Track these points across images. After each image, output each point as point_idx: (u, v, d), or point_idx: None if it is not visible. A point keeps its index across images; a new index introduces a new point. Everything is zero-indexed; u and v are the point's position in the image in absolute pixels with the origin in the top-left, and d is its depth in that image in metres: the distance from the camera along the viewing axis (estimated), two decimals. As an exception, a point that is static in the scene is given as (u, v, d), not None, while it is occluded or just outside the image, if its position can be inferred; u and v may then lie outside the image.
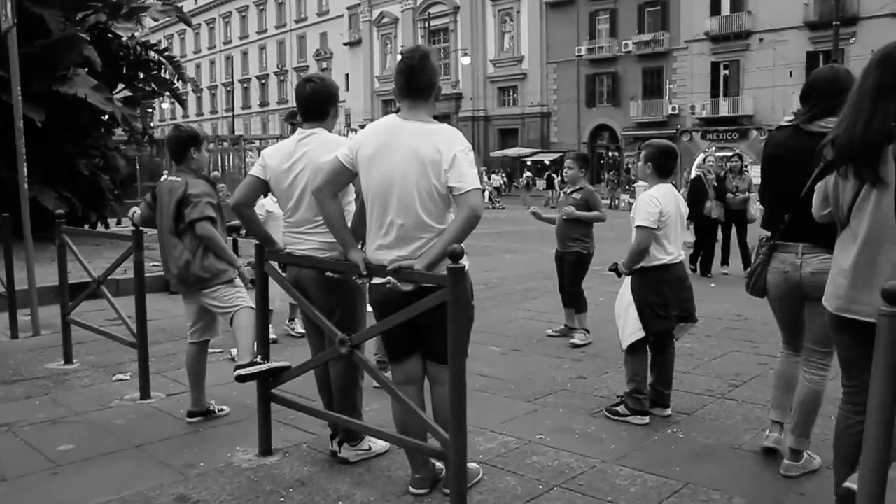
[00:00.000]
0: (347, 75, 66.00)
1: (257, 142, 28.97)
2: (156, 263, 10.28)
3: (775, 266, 3.94)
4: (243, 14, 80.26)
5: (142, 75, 14.67)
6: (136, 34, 14.56)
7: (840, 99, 3.28)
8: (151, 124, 16.01)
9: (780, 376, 4.38)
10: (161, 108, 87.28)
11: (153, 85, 14.83)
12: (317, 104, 4.10)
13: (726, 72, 43.54)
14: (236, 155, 25.24)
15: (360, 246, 3.71)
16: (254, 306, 4.47)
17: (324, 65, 69.56)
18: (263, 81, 78.24)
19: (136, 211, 5.46)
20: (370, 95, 64.59)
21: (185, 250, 4.79)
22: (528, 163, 52.06)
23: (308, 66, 71.03)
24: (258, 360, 4.25)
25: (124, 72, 14.42)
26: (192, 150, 4.92)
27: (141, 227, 5.42)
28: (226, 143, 27.32)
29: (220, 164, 24.34)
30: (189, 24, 15.76)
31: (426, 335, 3.52)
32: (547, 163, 49.58)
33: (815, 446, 4.16)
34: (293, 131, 4.40)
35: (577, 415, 5.08)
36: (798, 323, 4.07)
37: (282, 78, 75.24)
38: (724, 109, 43.24)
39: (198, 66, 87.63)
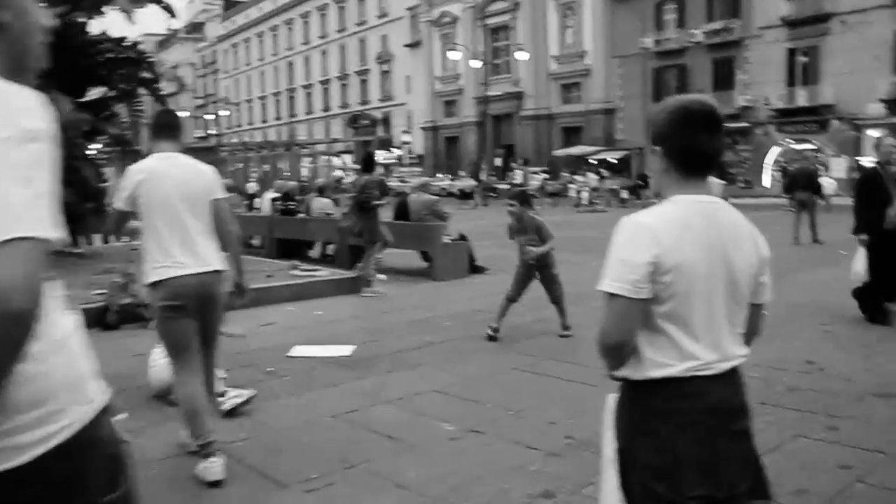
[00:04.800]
0: (408, 77, 65.95)
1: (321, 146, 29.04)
2: (99, 291, 8.69)
3: None
4: (306, 20, 79.84)
5: (120, 73, 13.07)
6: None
7: None
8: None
9: None
10: (217, 116, 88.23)
11: (126, 85, 13.20)
12: None
13: (804, 59, 40.07)
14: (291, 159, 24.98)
15: None
16: None
17: (385, 67, 68.77)
18: (325, 86, 77.47)
19: None
20: (431, 96, 63.36)
21: None
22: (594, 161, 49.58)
23: (369, 70, 70.98)
24: None
25: (99, 71, 12.80)
26: None
27: None
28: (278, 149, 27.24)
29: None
30: (172, 14, 14.10)
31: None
32: (613, 161, 46.94)
33: None
34: (355, 135, 2.42)
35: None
36: None
37: (344, 82, 74.47)
38: (801, 99, 39.87)
39: (262, 74, 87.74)
